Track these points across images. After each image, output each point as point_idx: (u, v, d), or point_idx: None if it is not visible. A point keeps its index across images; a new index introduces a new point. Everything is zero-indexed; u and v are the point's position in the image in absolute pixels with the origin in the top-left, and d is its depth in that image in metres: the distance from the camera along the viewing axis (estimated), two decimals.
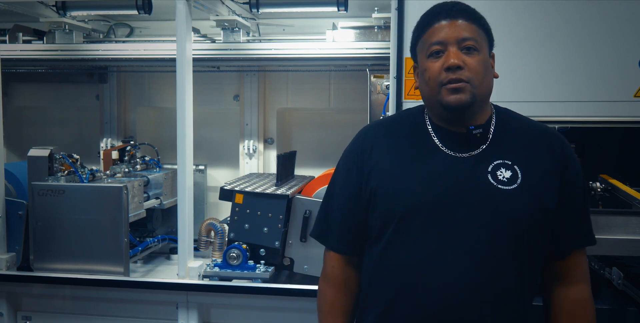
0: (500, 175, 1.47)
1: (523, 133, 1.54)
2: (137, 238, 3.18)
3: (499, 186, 1.45)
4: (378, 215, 1.52)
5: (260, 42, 3.54)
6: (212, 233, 3.00)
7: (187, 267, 2.74)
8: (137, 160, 3.47)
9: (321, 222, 1.66)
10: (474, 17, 1.50)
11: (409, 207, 1.47)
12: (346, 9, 3.16)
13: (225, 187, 2.93)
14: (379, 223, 1.52)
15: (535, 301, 1.54)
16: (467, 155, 1.49)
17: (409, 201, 1.47)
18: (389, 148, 1.55)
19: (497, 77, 1.55)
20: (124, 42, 3.77)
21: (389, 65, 2.44)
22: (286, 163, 3.16)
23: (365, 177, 1.55)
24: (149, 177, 3.26)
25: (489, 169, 1.47)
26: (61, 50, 3.40)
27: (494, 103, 1.60)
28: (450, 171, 1.47)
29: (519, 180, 1.46)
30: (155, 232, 3.34)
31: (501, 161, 1.48)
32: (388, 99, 2.69)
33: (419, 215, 1.46)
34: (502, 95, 2.28)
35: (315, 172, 3.55)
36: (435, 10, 1.52)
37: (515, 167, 1.47)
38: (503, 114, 1.59)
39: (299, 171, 3.46)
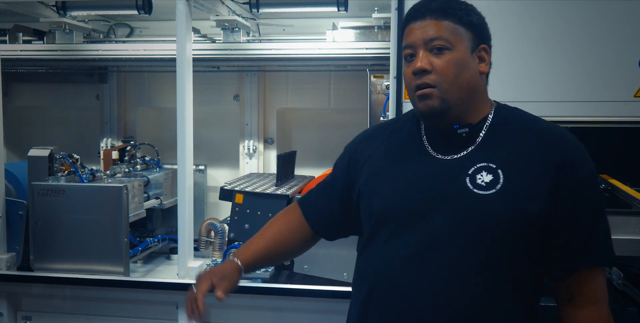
0: (479, 179, 1.36)
1: (521, 134, 1.40)
2: (137, 238, 3.18)
3: (475, 190, 1.34)
4: (363, 215, 1.52)
5: (260, 42, 3.54)
6: (212, 233, 3.00)
7: (187, 267, 2.74)
8: (137, 160, 3.47)
9: (303, 197, 1.73)
10: (446, 13, 1.38)
11: (384, 209, 1.44)
12: (346, 9, 3.16)
13: (225, 187, 2.93)
14: (363, 222, 1.52)
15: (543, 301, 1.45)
16: (450, 157, 1.41)
17: (385, 203, 1.44)
18: (382, 149, 1.53)
19: (484, 72, 1.42)
20: (124, 42, 3.77)
21: (389, 65, 2.44)
22: (286, 164, 3.16)
23: (354, 174, 1.55)
24: (149, 177, 3.26)
25: (470, 172, 1.37)
26: (61, 50, 3.40)
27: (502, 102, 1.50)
28: (430, 174, 1.41)
29: (499, 185, 1.34)
30: (155, 232, 3.34)
31: (485, 164, 1.37)
32: (388, 99, 2.69)
33: (393, 219, 1.42)
34: (501, 95, 2.28)
35: (315, 172, 3.55)
36: (408, 11, 1.45)
37: (499, 171, 1.35)
38: (507, 113, 1.46)
39: (299, 171, 3.46)
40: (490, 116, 1.44)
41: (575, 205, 1.34)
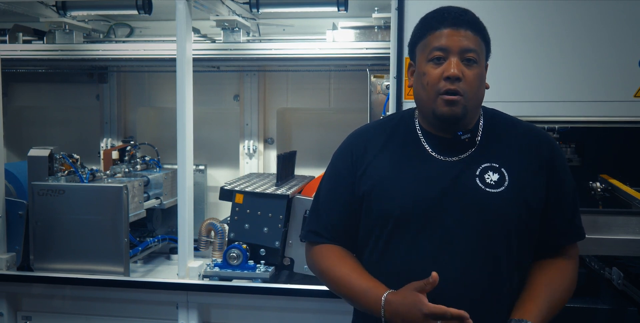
0: (488, 178, 1.49)
1: (510, 135, 1.56)
2: (137, 238, 3.18)
3: (487, 189, 1.47)
4: (372, 218, 1.53)
5: (260, 42, 3.54)
6: (212, 233, 3.00)
7: (187, 267, 2.74)
8: (137, 160, 3.47)
9: (311, 223, 1.66)
10: (478, 29, 1.50)
11: (400, 211, 1.48)
12: (346, 9, 3.16)
13: (225, 187, 2.93)
14: (371, 226, 1.54)
15: None
16: (456, 159, 1.51)
17: (400, 205, 1.48)
18: (381, 152, 1.57)
19: (487, 87, 1.55)
20: (124, 42, 3.77)
21: (389, 65, 2.44)
22: (286, 164, 3.16)
23: (357, 178, 1.57)
24: (149, 177, 3.26)
25: (477, 173, 1.49)
26: (61, 50, 3.40)
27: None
28: (440, 175, 1.49)
29: (506, 183, 1.48)
30: (155, 232, 3.34)
31: (489, 164, 1.50)
32: (388, 99, 2.69)
33: (410, 219, 1.48)
34: (501, 95, 2.29)
35: (315, 172, 3.55)
36: (442, 15, 1.50)
37: (503, 169, 1.50)
38: (491, 116, 1.59)
39: (299, 171, 3.46)
40: (482, 120, 1.57)
41: (562, 194, 1.54)
